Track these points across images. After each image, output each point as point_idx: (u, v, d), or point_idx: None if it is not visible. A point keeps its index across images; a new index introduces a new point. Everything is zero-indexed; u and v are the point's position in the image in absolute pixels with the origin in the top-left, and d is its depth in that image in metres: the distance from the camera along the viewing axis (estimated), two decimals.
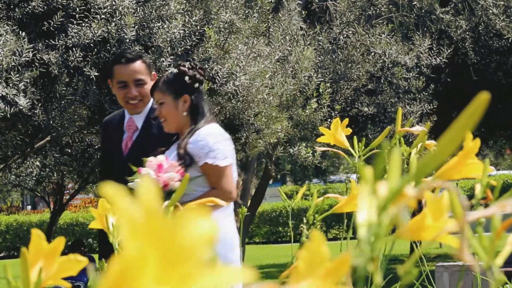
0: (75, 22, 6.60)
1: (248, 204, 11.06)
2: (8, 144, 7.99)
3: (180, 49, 6.88)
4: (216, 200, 2.05)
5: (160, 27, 6.83)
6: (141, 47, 6.66)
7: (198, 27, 7.05)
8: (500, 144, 14.42)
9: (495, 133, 13.13)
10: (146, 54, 5.89)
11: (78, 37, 6.55)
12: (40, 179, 12.27)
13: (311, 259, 0.75)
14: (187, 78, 3.82)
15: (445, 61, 10.57)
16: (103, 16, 6.60)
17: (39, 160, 11.25)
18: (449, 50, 10.52)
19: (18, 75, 6.40)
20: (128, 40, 6.60)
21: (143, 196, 0.59)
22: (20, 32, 6.45)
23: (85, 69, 6.51)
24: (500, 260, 0.91)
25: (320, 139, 2.38)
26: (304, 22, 9.65)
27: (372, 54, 10.17)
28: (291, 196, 2.59)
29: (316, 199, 1.79)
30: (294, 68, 8.71)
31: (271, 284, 0.76)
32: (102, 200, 1.77)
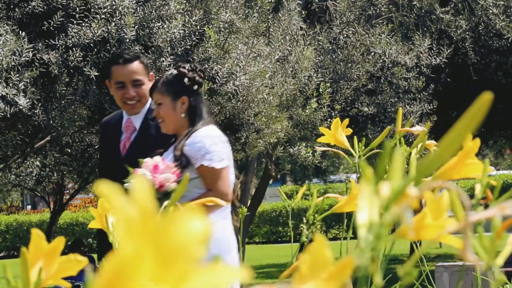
0: (75, 22, 6.59)
1: (248, 204, 11.05)
2: (8, 144, 7.98)
3: (180, 49, 6.88)
4: (216, 200, 2.05)
5: (160, 27, 6.82)
6: (141, 47, 6.66)
7: (198, 27, 7.05)
8: (500, 144, 14.42)
9: (495, 133, 13.12)
10: (144, 54, 5.89)
11: (78, 37, 6.54)
12: (40, 179, 12.26)
13: (314, 262, 0.74)
14: (186, 80, 3.82)
15: (445, 61, 10.57)
16: (103, 16, 6.60)
17: (39, 160, 11.25)
18: (449, 50, 10.52)
19: (18, 75, 6.39)
20: (128, 40, 6.60)
21: (138, 195, 0.59)
22: (20, 32, 6.44)
23: (85, 69, 6.51)
24: (501, 260, 0.91)
25: (320, 139, 2.38)
26: (304, 22, 9.64)
27: (372, 54, 10.16)
28: (291, 196, 2.59)
29: (316, 199, 1.79)
30: (294, 68, 8.70)
31: (271, 285, 0.76)
32: (102, 200, 1.77)
